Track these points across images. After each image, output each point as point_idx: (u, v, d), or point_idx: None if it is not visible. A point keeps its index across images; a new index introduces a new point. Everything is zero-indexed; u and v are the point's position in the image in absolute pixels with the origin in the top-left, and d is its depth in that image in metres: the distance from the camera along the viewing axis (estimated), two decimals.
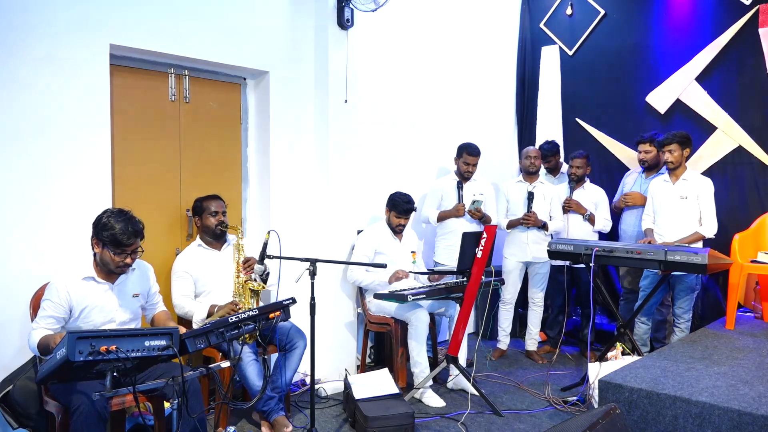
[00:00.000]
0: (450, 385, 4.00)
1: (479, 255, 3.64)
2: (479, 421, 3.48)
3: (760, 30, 4.55)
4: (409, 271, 4.07)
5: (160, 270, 3.26)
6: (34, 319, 2.61)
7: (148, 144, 3.52)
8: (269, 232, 3.15)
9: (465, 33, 5.33)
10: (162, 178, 3.60)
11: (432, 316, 4.11)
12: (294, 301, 2.79)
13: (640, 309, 4.02)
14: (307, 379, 3.91)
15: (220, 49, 3.64)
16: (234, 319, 2.47)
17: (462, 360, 4.01)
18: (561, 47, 5.65)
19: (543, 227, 4.52)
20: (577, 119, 5.55)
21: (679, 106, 4.95)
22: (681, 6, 4.94)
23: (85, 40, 3.07)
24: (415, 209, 4.14)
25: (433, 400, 3.72)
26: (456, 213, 4.38)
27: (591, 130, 5.44)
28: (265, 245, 3.16)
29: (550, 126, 5.75)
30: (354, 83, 4.15)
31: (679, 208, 4.04)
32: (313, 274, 2.91)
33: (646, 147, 4.50)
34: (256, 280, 3.25)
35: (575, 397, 3.69)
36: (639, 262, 3.63)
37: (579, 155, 4.72)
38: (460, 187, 4.45)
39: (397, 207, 4.03)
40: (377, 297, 3.75)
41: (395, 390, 3.44)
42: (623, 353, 3.72)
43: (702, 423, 2.63)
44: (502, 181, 4.88)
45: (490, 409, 3.62)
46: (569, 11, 5.57)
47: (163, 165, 3.60)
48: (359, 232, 4.22)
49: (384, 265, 3.37)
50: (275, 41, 3.94)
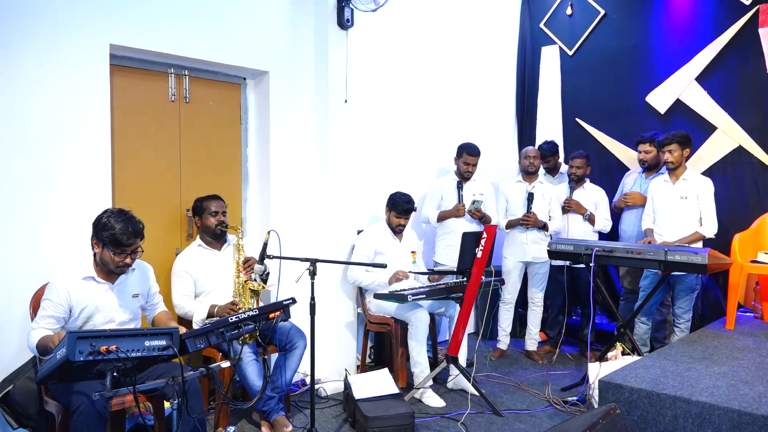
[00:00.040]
0: (450, 385, 4.00)
1: (479, 255, 3.64)
2: (479, 421, 3.48)
3: (760, 30, 4.54)
4: (409, 271, 4.07)
5: (160, 270, 3.26)
6: (33, 319, 2.61)
7: (148, 144, 3.52)
8: (269, 232, 3.15)
9: (465, 33, 5.32)
10: (162, 178, 3.60)
11: (432, 316, 4.11)
12: (294, 301, 2.79)
13: (640, 309, 4.02)
14: (307, 379, 3.91)
15: (220, 49, 3.65)
16: (234, 319, 2.47)
17: (462, 360, 4.01)
18: (561, 47, 5.64)
19: (543, 227, 4.52)
20: (577, 119, 5.54)
21: (679, 106, 4.94)
22: (681, 6, 4.93)
23: (85, 40, 3.08)
24: (415, 209, 4.14)
25: (433, 400, 3.72)
26: (456, 213, 4.38)
27: (591, 130, 5.44)
28: (265, 245, 3.16)
29: (550, 126, 5.75)
30: (354, 83, 4.15)
31: (679, 208, 4.04)
32: (313, 274, 2.92)
33: (646, 147, 4.50)
34: (256, 280, 3.25)
35: (575, 397, 3.69)
36: (639, 262, 3.63)
37: (579, 155, 4.72)
38: (460, 187, 4.45)
39: (397, 207, 4.03)
40: (377, 297, 3.75)
41: (395, 390, 3.44)
42: (623, 353, 3.72)
43: (702, 423, 2.63)
44: (502, 181, 4.88)
45: (490, 409, 3.62)
46: (569, 11, 5.56)
47: (163, 165, 3.60)
48: (359, 232, 4.22)
49: (384, 265, 3.37)
50: (275, 41, 3.94)
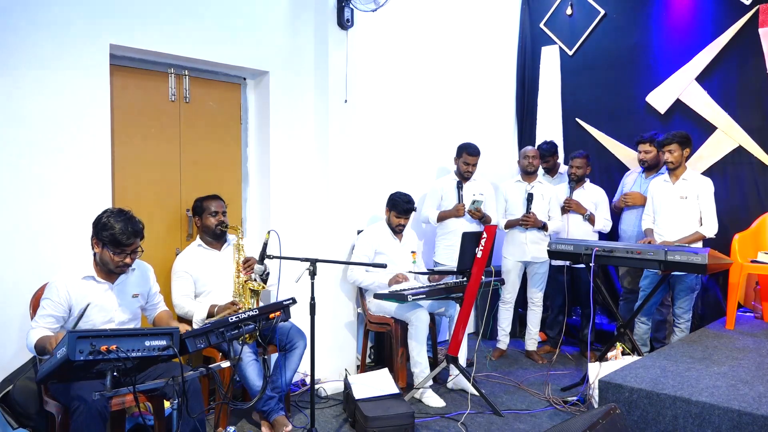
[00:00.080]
0: (450, 385, 4.00)
1: (479, 255, 3.64)
2: (479, 421, 3.47)
3: (760, 30, 4.54)
4: (409, 271, 4.07)
5: (160, 270, 3.26)
6: (33, 318, 2.61)
7: (148, 144, 3.52)
8: (269, 232, 3.15)
9: (465, 33, 5.32)
10: (162, 178, 3.60)
11: (432, 316, 4.11)
12: (294, 301, 2.79)
13: (640, 309, 4.02)
14: (307, 379, 3.91)
15: (220, 49, 3.64)
16: (234, 319, 2.47)
17: (462, 360, 4.01)
18: (561, 47, 5.64)
19: (542, 227, 4.52)
20: (577, 119, 5.54)
21: (679, 106, 4.94)
22: (681, 6, 4.93)
23: (85, 40, 3.08)
24: (415, 209, 4.14)
25: (433, 400, 3.72)
26: (456, 213, 4.38)
27: (591, 130, 5.44)
28: (265, 245, 3.16)
29: (550, 126, 5.74)
30: (354, 83, 4.15)
31: (679, 208, 4.04)
32: (313, 274, 2.91)
33: (646, 147, 4.50)
34: (256, 280, 3.25)
35: (575, 397, 3.69)
36: (639, 262, 3.63)
37: (579, 155, 4.72)
38: (460, 187, 4.45)
39: (397, 207, 4.03)
40: (377, 297, 3.74)
41: (395, 390, 3.44)
42: (623, 353, 3.72)
43: (702, 423, 2.63)
44: (502, 181, 4.88)
45: (490, 409, 3.62)
46: (569, 11, 5.56)
47: (163, 165, 3.60)
48: (359, 232, 4.22)
49: (384, 266, 3.37)
50: (275, 41, 3.94)
